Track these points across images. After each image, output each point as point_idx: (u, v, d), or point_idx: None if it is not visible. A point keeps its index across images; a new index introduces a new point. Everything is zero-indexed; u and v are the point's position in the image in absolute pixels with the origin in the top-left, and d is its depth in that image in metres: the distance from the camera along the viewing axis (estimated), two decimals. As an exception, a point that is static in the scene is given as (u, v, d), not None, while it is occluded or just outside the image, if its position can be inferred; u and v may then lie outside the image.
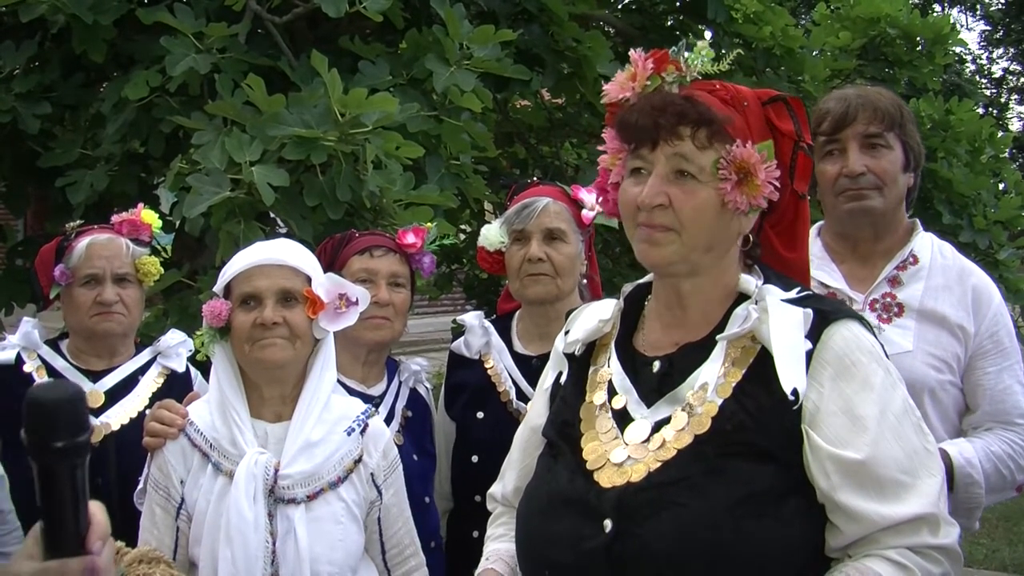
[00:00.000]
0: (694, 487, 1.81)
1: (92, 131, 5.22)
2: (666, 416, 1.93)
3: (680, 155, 1.92)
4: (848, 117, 2.87)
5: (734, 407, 1.86)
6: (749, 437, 1.83)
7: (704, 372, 1.93)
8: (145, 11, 4.66)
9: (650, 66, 1.98)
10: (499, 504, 2.31)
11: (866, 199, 2.87)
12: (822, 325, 1.88)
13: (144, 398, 3.30)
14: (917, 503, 1.80)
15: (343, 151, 3.77)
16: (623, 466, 1.90)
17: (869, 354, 1.89)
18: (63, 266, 3.26)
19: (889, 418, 1.84)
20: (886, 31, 8.14)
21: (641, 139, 1.95)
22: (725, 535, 1.75)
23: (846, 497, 1.79)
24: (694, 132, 1.91)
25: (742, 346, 1.93)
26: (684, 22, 7.46)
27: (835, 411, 1.83)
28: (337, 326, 2.76)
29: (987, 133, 7.99)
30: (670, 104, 1.93)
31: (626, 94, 2.00)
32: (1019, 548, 7.61)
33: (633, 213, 1.97)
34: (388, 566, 2.77)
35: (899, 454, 1.82)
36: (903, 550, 1.79)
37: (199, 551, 2.56)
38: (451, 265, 7.76)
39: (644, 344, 2.08)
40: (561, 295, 3.16)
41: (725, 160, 1.92)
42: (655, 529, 1.80)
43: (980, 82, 34.63)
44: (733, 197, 1.92)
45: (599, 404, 2.03)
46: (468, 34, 4.51)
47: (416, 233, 3.23)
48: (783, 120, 2.00)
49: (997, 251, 7.50)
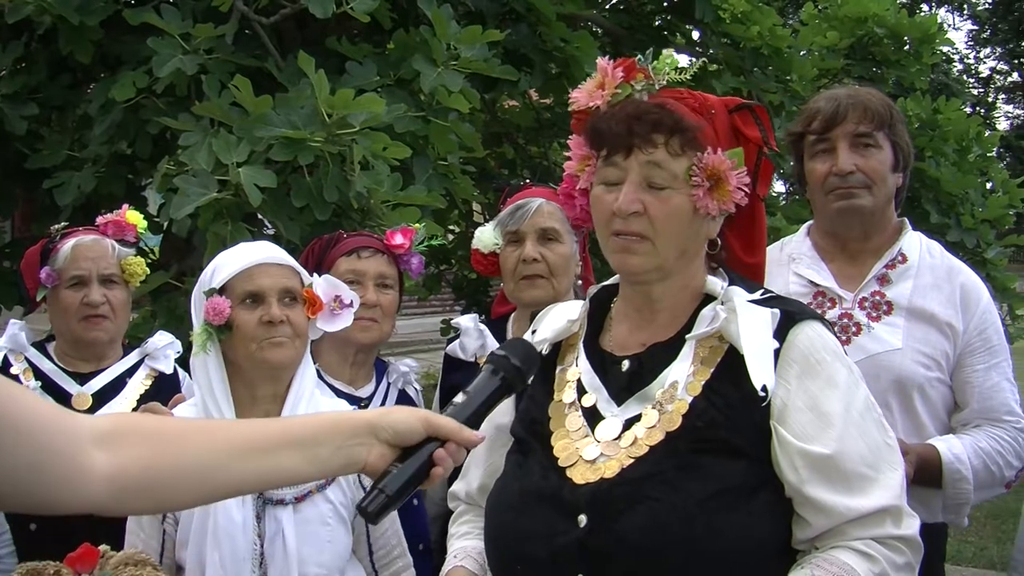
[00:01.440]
0: (667, 482, 1.85)
1: (79, 132, 5.22)
2: (636, 414, 1.97)
3: (654, 163, 1.95)
4: (838, 116, 2.88)
5: (704, 404, 1.91)
6: (720, 433, 1.88)
7: (674, 371, 1.98)
8: (132, 12, 4.66)
9: (620, 74, 2.02)
10: (462, 502, 2.33)
11: (855, 198, 2.88)
12: (788, 325, 1.94)
13: (132, 400, 3.28)
14: (881, 496, 1.86)
15: (330, 152, 3.76)
16: (596, 463, 1.94)
17: (833, 353, 1.94)
18: (49, 268, 3.24)
19: (853, 414, 1.90)
20: (874, 31, 8.17)
21: (615, 146, 1.98)
22: (697, 529, 1.80)
23: (814, 490, 1.85)
24: (668, 140, 1.95)
25: (710, 345, 1.98)
26: (672, 22, 7.49)
27: (802, 407, 1.89)
28: (334, 327, 2.77)
29: (974, 132, 8.03)
30: (645, 112, 1.96)
31: (595, 102, 2.03)
32: (1007, 546, 7.61)
33: (607, 220, 2.00)
34: (375, 567, 2.77)
35: (863, 449, 1.88)
36: (868, 541, 1.85)
37: (186, 554, 2.55)
38: (440, 266, 7.76)
39: (611, 344, 2.12)
40: (557, 297, 3.15)
41: (697, 167, 1.96)
42: (629, 523, 1.84)
43: (967, 81, 34.80)
44: (705, 203, 1.96)
45: (568, 403, 2.07)
46: (455, 34, 4.51)
47: (404, 234, 3.23)
48: (749, 127, 2.04)
49: (985, 250, 7.54)
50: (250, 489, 1.97)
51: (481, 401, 1.82)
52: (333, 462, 1.69)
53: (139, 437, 1.59)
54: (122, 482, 1.54)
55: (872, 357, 2.82)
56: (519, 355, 1.87)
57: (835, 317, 2.90)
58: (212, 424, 2.04)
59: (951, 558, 6.79)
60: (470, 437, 1.74)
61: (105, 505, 1.56)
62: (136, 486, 1.56)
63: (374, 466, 1.69)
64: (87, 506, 1.53)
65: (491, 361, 1.87)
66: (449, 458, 1.72)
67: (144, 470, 1.56)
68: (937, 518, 2.85)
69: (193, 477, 1.61)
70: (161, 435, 1.64)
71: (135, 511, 1.63)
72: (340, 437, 1.69)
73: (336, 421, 1.76)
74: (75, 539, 2.24)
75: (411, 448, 1.71)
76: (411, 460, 1.70)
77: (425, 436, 1.71)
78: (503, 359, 1.86)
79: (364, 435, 1.70)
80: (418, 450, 1.71)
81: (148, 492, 1.59)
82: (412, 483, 1.70)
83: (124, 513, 1.63)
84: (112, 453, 1.54)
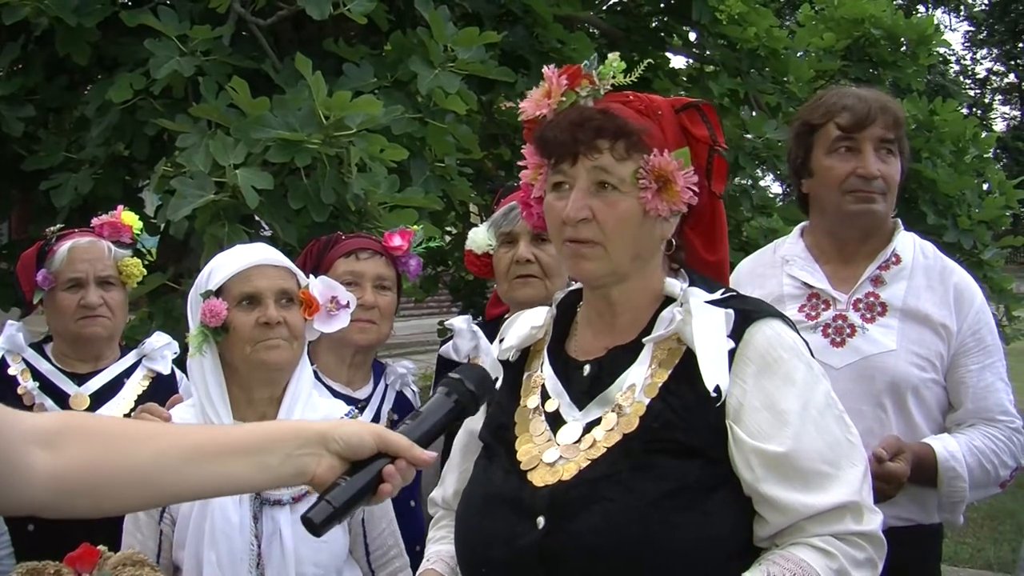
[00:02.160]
0: (621, 482, 1.87)
1: (76, 134, 5.22)
2: (597, 417, 1.99)
3: (600, 168, 1.97)
4: (868, 119, 2.86)
5: (661, 406, 1.93)
6: (676, 435, 1.89)
7: (631, 374, 2.00)
8: (129, 13, 4.66)
9: (564, 82, 2.03)
10: (440, 508, 2.34)
11: (874, 203, 2.88)
12: (744, 324, 1.95)
13: (129, 401, 3.28)
14: (839, 492, 1.86)
15: (327, 154, 3.77)
16: (555, 465, 1.96)
17: (791, 350, 1.95)
18: (45, 271, 3.24)
19: (811, 411, 1.90)
20: (870, 32, 8.17)
21: (561, 154, 1.99)
22: (652, 528, 1.82)
23: (770, 488, 1.86)
24: (612, 144, 1.96)
25: (668, 348, 1.99)
26: (668, 23, 7.49)
27: (758, 406, 1.89)
28: (330, 328, 2.78)
29: (971, 133, 8.03)
30: (587, 119, 1.97)
31: (542, 111, 2.04)
32: (1004, 547, 7.63)
33: (559, 228, 2.02)
34: (372, 567, 2.78)
35: (821, 446, 1.88)
36: (827, 537, 1.85)
37: (183, 554, 2.55)
38: (437, 267, 7.76)
39: (576, 349, 2.14)
40: (550, 296, 3.15)
41: (644, 169, 1.97)
42: (584, 524, 1.86)
43: (964, 82, 34.84)
44: (654, 205, 1.98)
45: (532, 408, 2.09)
46: (452, 36, 4.51)
47: (402, 236, 3.23)
48: (697, 126, 2.06)
49: (981, 251, 7.53)
50: (196, 495, 1.93)
51: (433, 422, 1.82)
52: (282, 471, 1.68)
53: (84, 438, 1.58)
54: (64, 483, 1.52)
55: (867, 359, 2.82)
56: (474, 380, 1.88)
57: (829, 319, 2.90)
58: (161, 428, 2.01)
59: (948, 559, 6.80)
60: (420, 456, 1.73)
61: (46, 505, 1.54)
62: (79, 487, 1.55)
63: (323, 477, 1.68)
64: (27, 506, 1.52)
65: (446, 384, 1.88)
66: (398, 475, 1.71)
67: (88, 472, 1.55)
68: (933, 518, 2.85)
69: (138, 480, 1.60)
70: (107, 436, 1.62)
71: (77, 513, 1.60)
72: (290, 446, 1.68)
73: (286, 430, 1.76)
74: (73, 540, 2.24)
75: (361, 462, 1.71)
76: (360, 474, 1.70)
77: (376, 451, 1.71)
78: (458, 383, 1.87)
79: (314, 445, 1.68)
80: (368, 465, 1.71)
81: (91, 494, 1.57)
82: (359, 497, 1.70)
83: (66, 515, 1.60)
84: (55, 453, 1.52)
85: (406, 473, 1.73)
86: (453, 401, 1.85)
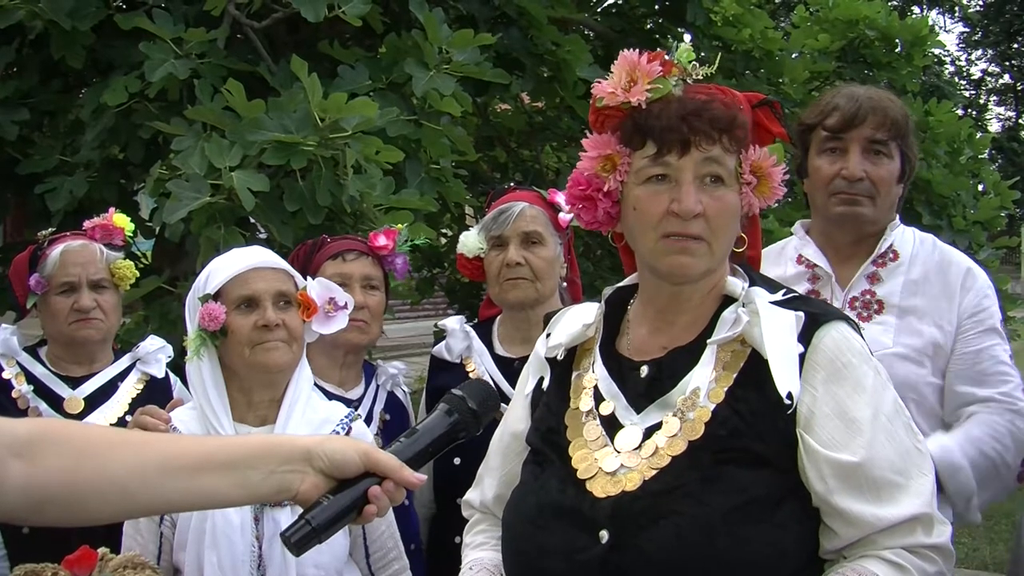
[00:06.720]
0: (691, 495, 1.79)
1: (71, 137, 5.20)
2: (657, 422, 1.90)
3: (713, 160, 1.89)
4: (857, 119, 2.83)
5: (727, 412, 1.85)
6: (744, 443, 1.82)
7: (695, 377, 1.91)
8: (123, 16, 4.65)
9: (657, 69, 1.92)
10: (476, 511, 2.25)
11: (858, 205, 2.84)
12: (812, 327, 1.88)
13: (124, 404, 3.28)
14: (911, 504, 1.80)
15: (323, 156, 3.77)
16: (616, 475, 1.87)
17: (859, 355, 1.88)
18: (38, 275, 3.24)
19: (881, 419, 1.84)
20: (865, 33, 8.16)
21: (668, 144, 1.89)
22: (722, 542, 1.74)
23: (842, 500, 1.79)
24: (721, 137, 1.89)
25: (732, 350, 1.91)
26: (664, 25, 7.48)
27: (829, 414, 1.82)
28: (329, 329, 2.78)
29: (966, 134, 8.03)
30: (702, 108, 1.89)
31: (638, 97, 1.90)
32: (999, 547, 7.63)
33: (657, 222, 1.91)
34: (372, 569, 2.78)
35: (892, 455, 1.82)
36: (899, 550, 1.79)
37: (184, 556, 2.55)
38: (432, 269, 7.75)
39: (629, 348, 2.04)
40: (541, 298, 3.17)
41: (744, 164, 1.93)
42: (652, 538, 1.78)
43: (959, 84, 34.86)
44: (751, 200, 1.94)
45: (585, 410, 1.99)
46: (447, 38, 4.50)
47: (388, 235, 3.24)
48: (772, 123, 2.01)
49: (977, 252, 7.53)
50: (174, 508, 1.90)
51: (428, 442, 1.78)
52: (264, 487, 1.64)
53: (61, 447, 1.54)
54: (39, 493, 1.50)
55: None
56: (477, 398, 1.82)
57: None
58: (143, 437, 1.96)
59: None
60: (409, 479, 1.69)
61: (19, 515, 1.52)
62: (54, 498, 1.52)
63: (306, 495, 1.65)
64: (2, 515, 1.50)
65: (447, 401, 1.82)
66: (385, 497, 1.67)
67: (64, 482, 1.52)
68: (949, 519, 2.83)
69: (115, 492, 1.57)
70: (84, 445, 1.58)
71: (52, 522, 1.57)
72: (273, 462, 1.64)
73: (271, 445, 1.72)
74: (69, 542, 2.24)
75: (347, 481, 1.66)
76: (344, 494, 1.66)
77: (363, 470, 1.67)
78: (460, 400, 1.81)
79: (298, 462, 1.65)
80: (354, 484, 1.66)
81: (67, 504, 1.54)
82: (341, 518, 1.65)
83: (40, 523, 1.58)
84: (30, 462, 1.50)
85: (394, 495, 1.68)
86: (451, 423, 1.79)
